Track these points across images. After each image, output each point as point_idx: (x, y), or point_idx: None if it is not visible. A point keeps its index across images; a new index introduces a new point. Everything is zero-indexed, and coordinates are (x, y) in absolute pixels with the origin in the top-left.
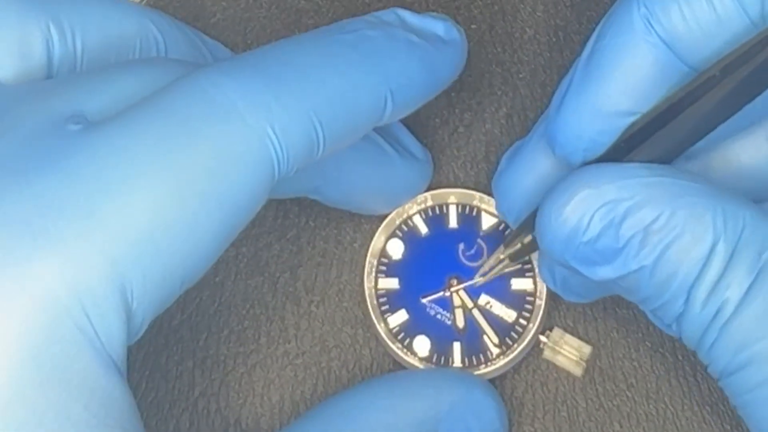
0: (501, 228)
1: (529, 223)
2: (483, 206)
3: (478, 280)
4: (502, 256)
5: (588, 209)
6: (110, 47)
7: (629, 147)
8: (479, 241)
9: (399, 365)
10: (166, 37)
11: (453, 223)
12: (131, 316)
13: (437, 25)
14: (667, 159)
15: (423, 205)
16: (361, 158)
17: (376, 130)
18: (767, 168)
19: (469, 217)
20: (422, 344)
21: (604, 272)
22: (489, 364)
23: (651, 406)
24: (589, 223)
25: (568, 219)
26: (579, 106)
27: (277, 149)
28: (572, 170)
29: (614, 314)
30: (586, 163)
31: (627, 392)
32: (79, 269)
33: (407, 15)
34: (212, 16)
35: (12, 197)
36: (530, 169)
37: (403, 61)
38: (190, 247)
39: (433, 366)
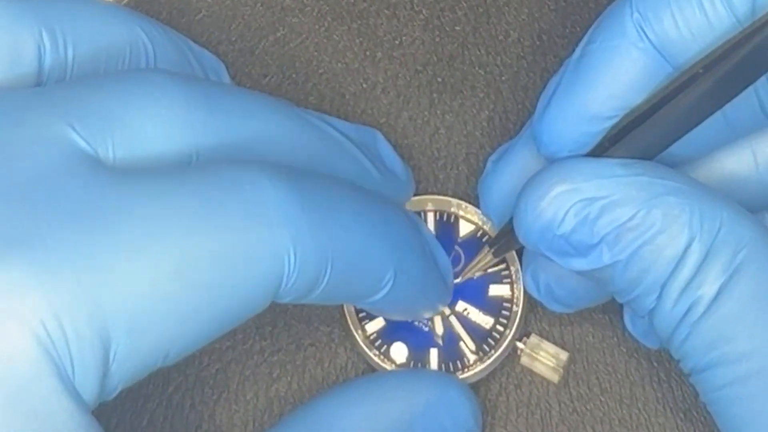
0: (479, 234)
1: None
2: (460, 213)
3: (462, 274)
4: (486, 251)
5: (563, 204)
6: (100, 54)
7: (613, 144)
8: (457, 247)
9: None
10: (155, 44)
11: (431, 229)
12: (108, 375)
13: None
14: (649, 154)
15: None
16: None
17: (360, 149)
18: (752, 181)
19: (447, 224)
20: (399, 351)
21: (579, 264)
22: (466, 370)
23: (624, 411)
24: (563, 218)
25: (543, 212)
26: (565, 107)
27: (291, 270)
28: (549, 163)
29: (590, 319)
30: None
31: (601, 397)
32: (71, 315)
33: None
34: (197, 13)
35: (20, 234)
36: (516, 171)
37: (415, 257)
38: (182, 329)
39: None
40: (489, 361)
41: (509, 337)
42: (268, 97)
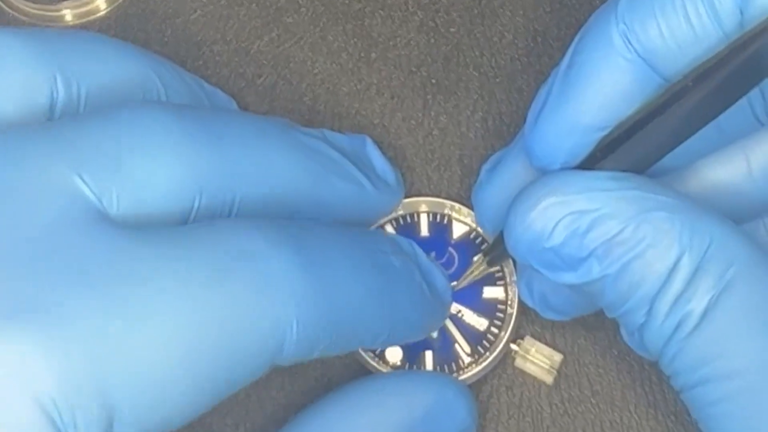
0: (472, 236)
1: None
2: (454, 215)
3: (457, 283)
4: (480, 260)
5: (552, 217)
6: (113, 95)
7: (605, 156)
8: (450, 249)
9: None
10: (167, 87)
11: (424, 231)
12: None
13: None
14: (640, 167)
15: (394, 214)
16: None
17: (351, 159)
18: (745, 187)
19: (441, 226)
20: (394, 353)
21: (568, 278)
22: (461, 372)
23: (615, 414)
24: (553, 231)
25: (532, 224)
26: (556, 119)
27: (291, 340)
28: (542, 174)
29: (582, 321)
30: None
31: (592, 399)
32: (79, 390)
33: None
34: (192, 13)
35: (26, 301)
36: (510, 181)
37: (410, 309)
38: (186, 399)
39: None
40: (484, 363)
41: (504, 339)
42: (268, 124)
